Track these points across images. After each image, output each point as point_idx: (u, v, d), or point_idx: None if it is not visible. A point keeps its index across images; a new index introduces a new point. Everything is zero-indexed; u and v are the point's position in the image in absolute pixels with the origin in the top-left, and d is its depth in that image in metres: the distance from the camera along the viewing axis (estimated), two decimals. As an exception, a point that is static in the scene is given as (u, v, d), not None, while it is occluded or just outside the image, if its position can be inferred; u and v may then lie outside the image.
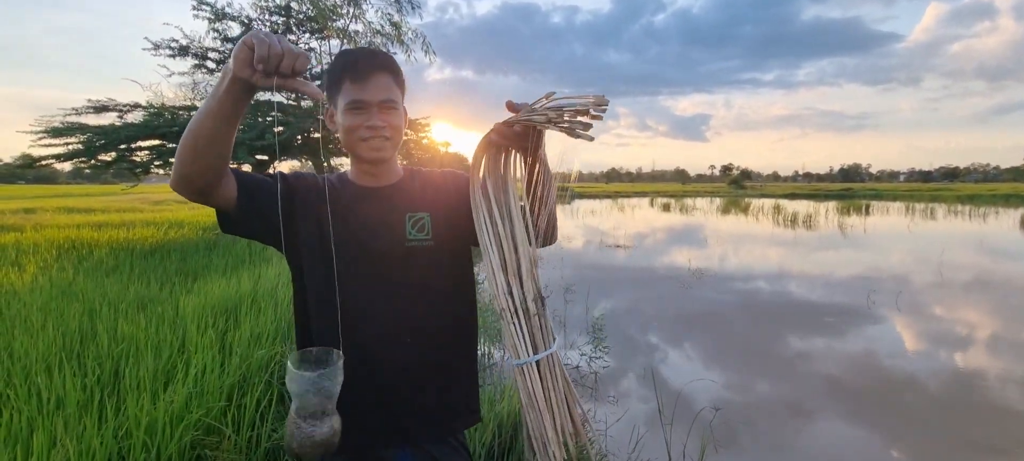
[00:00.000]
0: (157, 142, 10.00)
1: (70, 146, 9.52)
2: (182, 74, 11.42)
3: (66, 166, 11.37)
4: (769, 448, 3.04)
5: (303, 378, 0.78)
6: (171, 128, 9.54)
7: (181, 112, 10.29)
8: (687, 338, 5.02)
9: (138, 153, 10.08)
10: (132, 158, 10.06)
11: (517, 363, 0.86)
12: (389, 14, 11.91)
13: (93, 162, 9.90)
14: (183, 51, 10.79)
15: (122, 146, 9.76)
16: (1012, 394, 3.70)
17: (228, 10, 10.69)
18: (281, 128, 9.97)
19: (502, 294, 0.88)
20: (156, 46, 10.62)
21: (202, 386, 2.26)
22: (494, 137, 0.88)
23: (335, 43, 11.52)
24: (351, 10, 11.56)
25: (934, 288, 7.11)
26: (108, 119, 10.10)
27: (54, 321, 3.13)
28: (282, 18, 11.05)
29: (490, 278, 0.89)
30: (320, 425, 0.80)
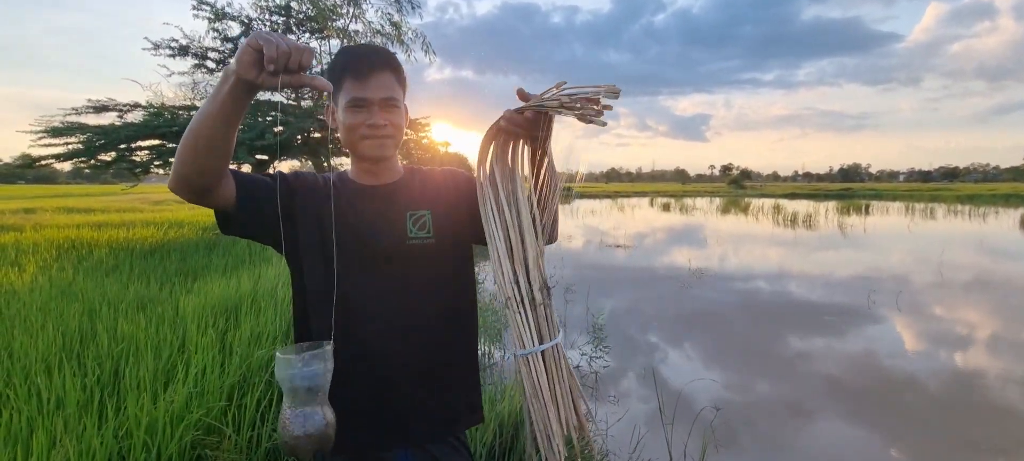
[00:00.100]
0: (157, 142, 9.99)
1: (70, 146, 9.50)
2: (182, 74, 11.42)
3: (66, 166, 11.36)
4: (770, 448, 3.04)
5: (289, 362, 0.76)
6: (171, 128, 9.53)
7: (181, 112, 10.28)
8: (687, 338, 5.02)
9: (138, 153, 10.07)
10: (132, 158, 10.05)
11: (522, 353, 0.85)
12: (389, 14, 11.93)
13: (93, 162, 9.89)
14: (183, 51, 10.78)
15: (122, 146, 9.75)
16: (1012, 394, 3.70)
17: (228, 10, 10.70)
18: (281, 128, 9.96)
19: (508, 283, 0.86)
20: (156, 46, 10.61)
21: (202, 386, 2.25)
22: (504, 124, 0.86)
23: (335, 43, 11.52)
24: (351, 10, 11.56)
25: (934, 288, 7.11)
26: (108, 119, 10.09)
27: (54, 321, 3.12)
28: (282, 18, 11.05)
29: (496, 267, 0.88)
30: (311, 416, 0.77)
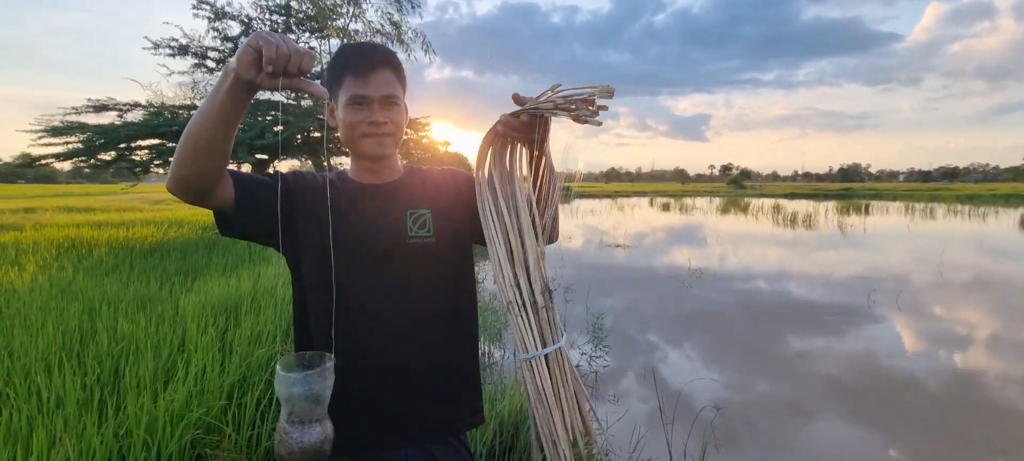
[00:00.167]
0: (157, 141, 9.99)
1: (70, 145, 9.50)
2: (182, 73, 11.41)
3: (66, 165, 11.35)
4: (770, 448, 3.04)
5: (290, 379, 0.75)
6: (171, 127, 9.53)
7: (181, 111, 10.28)
8: (687, 338, 5.02)
9: (138, 152, 10.07)
10: (132, 157, 10.06)
11: (525, 357, 0.84)
12: (389, 13, 11.91)
13: (93, 161, 9.89)
14: (183, 50, 10.78)
15: (122, 145, 9.75)
16: (1012, 394, 3.70)
17: (228, 9, 10.69)
18: (281, 128, 9.96)
19: (509, 286, 0.85)
20: (156, 45, 10.61)
21: (202, 385, 2.25)
22: (500, 128, 0.86)
23: (335, 42, 11.52)
24: (351, 9, 11.55)
25: (934, 288, 7.12)
26: (108, 118, 10.09)
27: (54, 320, 3.12)
28: (282, 17, 11.03)
29: (496, 271, 0.87)
30: (309, 431, 0.77)
